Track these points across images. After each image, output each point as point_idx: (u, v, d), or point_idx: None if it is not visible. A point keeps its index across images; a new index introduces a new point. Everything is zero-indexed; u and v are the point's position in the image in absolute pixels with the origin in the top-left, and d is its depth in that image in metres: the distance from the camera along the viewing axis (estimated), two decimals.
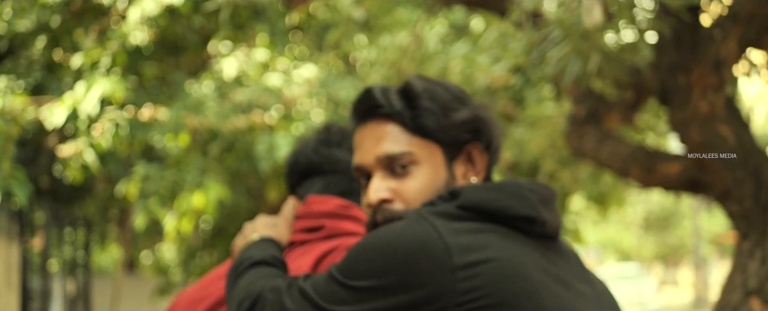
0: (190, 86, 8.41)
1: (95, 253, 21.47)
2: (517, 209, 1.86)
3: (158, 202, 7.90)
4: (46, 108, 8.15)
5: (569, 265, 1.94)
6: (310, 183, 2.51)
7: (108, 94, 7.77)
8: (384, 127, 2.02)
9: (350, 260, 1.86)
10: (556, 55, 3.61)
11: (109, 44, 8.38)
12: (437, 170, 1.99)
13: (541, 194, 1.93)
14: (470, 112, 2.02)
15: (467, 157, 2.04)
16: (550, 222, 1.92)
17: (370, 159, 2.03)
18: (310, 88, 7.99)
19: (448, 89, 2.05)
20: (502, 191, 1.88)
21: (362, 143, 2.06)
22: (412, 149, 1.99)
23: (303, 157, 2.55)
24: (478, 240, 1.80)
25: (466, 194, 1.87)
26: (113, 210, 15.65)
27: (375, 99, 2.05)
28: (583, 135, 4.70)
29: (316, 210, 2.40)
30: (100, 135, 7.91)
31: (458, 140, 2.01)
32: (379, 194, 2.00)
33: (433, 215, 1.84)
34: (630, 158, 4.43)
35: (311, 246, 2.34)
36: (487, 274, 1.76)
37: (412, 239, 1.79)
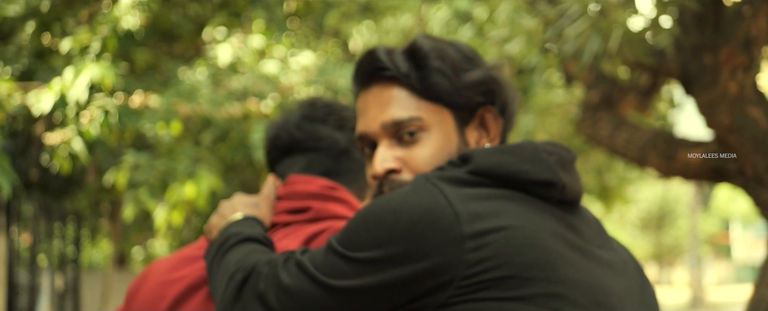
0: (183, 73, 8.17)
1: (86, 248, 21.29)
2: (533, 173, 1.73)
3: (148, 193, 7.66)
4: (33, 94, 7.92)
5: (591, 232, 1.80)
6: (291, 161, 2.36)
7: (97, 80, 7.57)
8: (389, 91, 1.89)
9: (351, 230, 1.73)
10: (573, 32, 3.35)
11: (99, 29, 8.17)
12: (448, 136, 1.87)
13: (560, 156, 1.80)
14: (483, 73, 1.89)
15: (480, 122, 1.92)
16: (570, 186, 1.78)
17: (375, 127, 1.89)
18: (308, 75, 7.77)
19: (458, 49, 1.92)
20: (518, 154, 1.75)
21: (366, 109, 1.92)
22: (421, 114, 1.86)
23: (285, 132, 2.38)
24: (489, 207, 1.67)
25: (478, 158, 1.73)
26: (105, 204, 15.45)
27: (379, 60, 1.90)
28: (597, 121, 4.45)
29: (300, 191, 2.26)
30: (89, 122, 7.68)
31: (470, 103, 1.88)
32: (386, 164, 1.87)
33: (441, 180, 1.70)
34: (648, 145, 4.18)
35: (297, 228, 2.20)
36: (498, 244, 1.63)
37: (417, 206, 1.66)
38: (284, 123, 2.40)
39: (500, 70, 1.93)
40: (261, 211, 2.22)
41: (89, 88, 7.66)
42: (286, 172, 2.35)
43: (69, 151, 7.93)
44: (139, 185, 7.79)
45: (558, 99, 7.38)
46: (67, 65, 8.36)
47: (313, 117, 2.37)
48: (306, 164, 2.33)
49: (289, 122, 2.38)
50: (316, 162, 2.32)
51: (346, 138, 2.33)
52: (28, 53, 9.72)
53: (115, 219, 15.37)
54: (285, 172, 2.35)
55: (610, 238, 1.86)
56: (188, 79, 7.99)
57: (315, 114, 2.38)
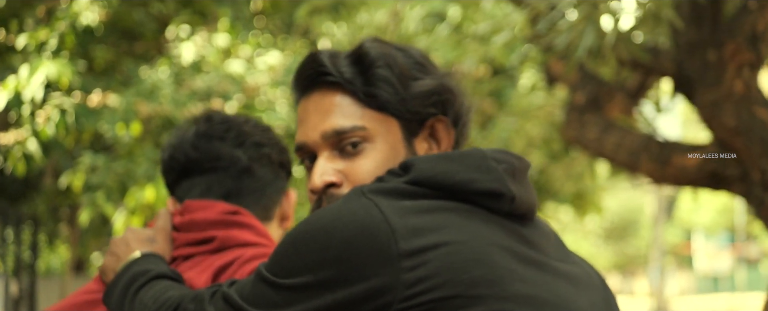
0: (145, 72, 7.87)
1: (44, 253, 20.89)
2: (480, 183, 1.61)
3: (106, 196, 7.34)
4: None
5: (548, 245, 1.68)
6: (190, 184, 2.22)
7: (54, 77, 7.31)
8: (332, 98, 1.77)
9: (280, 254, 1.61)
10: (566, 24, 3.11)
11: (57, 24, 7.85)
12: (395, 148, 1.76)
13: (511, 165, 1.67)
14: (434, 82, 1.77)
15: (430, 133, 1.81)
16: (521, 197, 1.65)
17: (314, 137, 1.77)
18: (275, 76, 7.51)
19: (409, 55, 1.80)
20: (464, 162, 1.63)
21: (306, 118, 1.80)
22: (365, 123, 1.75)
23: (180, 153, 2.23)
24: (430, 220, 1.55)
25: (420, 166, 1.62)
26: (63, 209, 15.10)
27: (321, 64, 1.78)
28: (584, 124, 4.21)
29: (199, 220, 2.11)
30: (45, 122, 7.38)
31: (420, 114, 1.77)
32: (325, 177, 1.75)
33: (376, 193, 1.58)
34: (640, 149, 3.93)
35: (201, 259, 2.06)
36: (439, 261, 1.51)
37: (350, 223, 1.54)
38: (179, 142, 2.24)
39: (453, 78, 1.82)
40: (159, 246, 2.08)
41: (45, 86, 7.39)
42: (185, 196, 2.20)
43: (24, 152, 7.63)
44: (96, 188, 7.48)
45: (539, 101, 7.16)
46: (23, 62, 8.03)
47: (210, 134, 2.21)
48: (205, 187, 2.19)
49: (184, 141, 2.23)
50: (216, 184, 2.18)
51: (247, 155, 2.18)
52: None
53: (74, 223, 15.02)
54: (184, 196, 2.21)
55: (570, 252, 1.76)
56: (149, 78, 7.71)
57: (212, 130, 2.21)
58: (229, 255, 2.03)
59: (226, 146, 2.20)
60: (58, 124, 7.38)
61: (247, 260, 1.98)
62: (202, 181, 2.19)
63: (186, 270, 2.03)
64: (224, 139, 2.21)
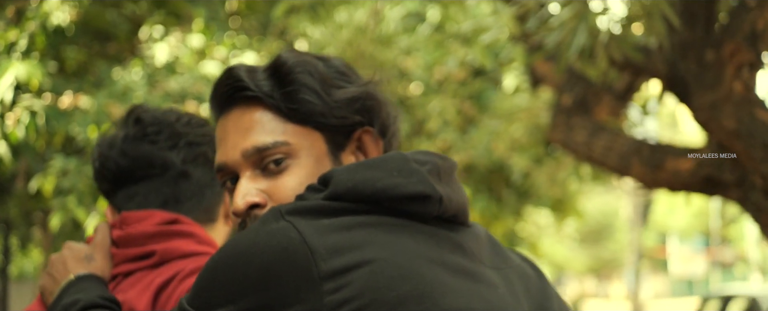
0: (117, 73, 7.69)
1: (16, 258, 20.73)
2: (404, 187, 1.53)
3: (77, 200, 7.15)
4: None
5: (481, 250, 1.62)
6: (126, 193, 2.12)
7: (24, 79, 7.14)
8: (251, 115, 1.68)
9: (200, 286, 1.53)
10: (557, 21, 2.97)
11: (26, 24, 7.65)
12: (320, 163, 1.68)
13: (435, 165, 1.60)
14: (358, 90, 1.71)
15: (358, 145, 1.74)
16: (450, 198, 1.58)
17: (235, 156, 1.68)
18: None
19: (329, 64, 1.73)
20: (384, 167, 1.55)
21: (225, 136, 1.71)
22: (288, 139, 1.67)
23: (110, 162, 2.09)
24: (351, 238, 1.48)
25: (339, 177, 1.54)
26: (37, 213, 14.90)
27: (238, 79, 1.69)
28: (572, 127, 4.07)
29: (136, 233, 2.01)
30: (14, 124, 7.18)
31: (345, 124, 1.70)
32: (248, 198, 1.66)
33: (294, 212, 1.51)
34: (630, 153, 3.80)
35: (142, 276, 1.97)
36: (362, 280, 1.44)
37: (268, 247, 1.47)
38: (108, 149, 2.10)
39: (378, 86, 1.75)
40: (97, 265, 1.99)
41: (15, 88, 7.20)
42: (122, 206, 2.11)
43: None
44: (67, 192, 7.30)
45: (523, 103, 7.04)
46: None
47: (141, 136, 2.08)
48: (142, 197, 2.09)
49: (113, 147, 2.09)
50: (152, 193, 2.08)
51: (180, 157, 2.08)
52: None
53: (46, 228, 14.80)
54: (122, 206, 2.11)
55: (507, 253, 1.69)
56: (122, 80, 7.53)
57: (142, 133, 2.08)
58: (169, 270, 1.93)
59: (158, 150, 2.09)
60: (29, 127, 7.20)
61: (187, 274, 1.89)
62: (137, 190, 2.09)
63: (127, 288, 1.93)
64: (155, 142, 2.09)
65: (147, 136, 2.10)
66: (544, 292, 1.69)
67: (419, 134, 7.95)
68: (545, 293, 1.69)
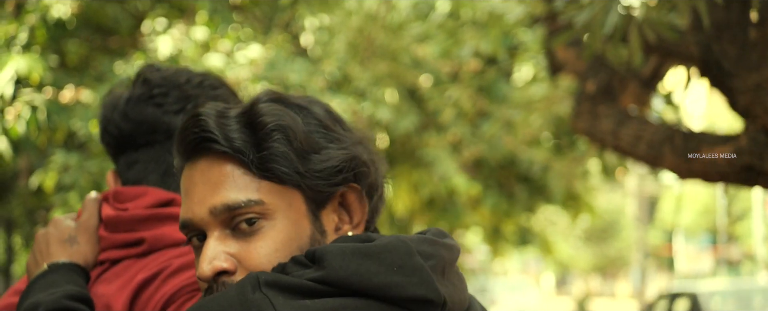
0: (120, 67, 7.53)
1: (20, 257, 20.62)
2: (403, 288, 1.36)
3: (78, 196, 6.99)
4: None
5: None
6: (127, 161, 1.95)
7: (24, 73, 7.03)
8: (221, 167, 1.49)
9: None
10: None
11: (27, 17, 7.48)
12: (298, 224, 1.48)
13: (440, 259, 1.43)
14: (342, 153, 1.51)
15: (341, 203, 1.55)
16: (452, 300, 1.42)
17: (202, 212, 1.48)
18: (256, 70, 7.15)
19: (311, 116, 1.53)
20: (384, 259, 1.37)
21: (191, 189, 1.51)
22: (262, 197, 1.47)
23: (112, 125, 1.95)
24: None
25: (331, 262, 1.36)
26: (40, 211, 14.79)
27: (206, 129, 1.49)
28: (598, 115, 3.86)
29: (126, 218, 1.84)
30: (15, 119, 7.02)
31: (328, 183, 1.51)
32: (216, 263, 1.45)
33: (273, 286, 1.34)
34: (662, 142, 3.59)
35: (128, 265, 1.80)
36: None
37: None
38: (110, 111, 1.95)
39: (366, 142, 1.57)
40: (79, 249, 1.82)
41: (15, 82, 7.07)
42: (124, 173, 1.94)
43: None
44: (68, 188, 7.13)
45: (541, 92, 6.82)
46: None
47: (146, 98, 1.90)
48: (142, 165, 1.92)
49: (116, 109, 1.94)
50: (153, 162, 1.92)
51: None
52: None
53: None
54: (123, 173, 1.94)
55: None
56: (124, 73, 7.37)
57: (148, 94, 1.90)
58: (155, 263, 1.76)
59: (163, 114, 1.90)
60: (29, 122, 7.09)
61: (172, 272, 1.72)
62: (138, 157, 1.92)
63: (113, 278, 1.77)
64: (161, 105, 1.91)
65: (153, 98, 1.92)
66: None
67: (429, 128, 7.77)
68: None
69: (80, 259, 1.80)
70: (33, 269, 1.81)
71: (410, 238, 1.43)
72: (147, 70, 1.96)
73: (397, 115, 6.86)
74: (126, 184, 1.94)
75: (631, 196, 40.63)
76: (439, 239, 1.47)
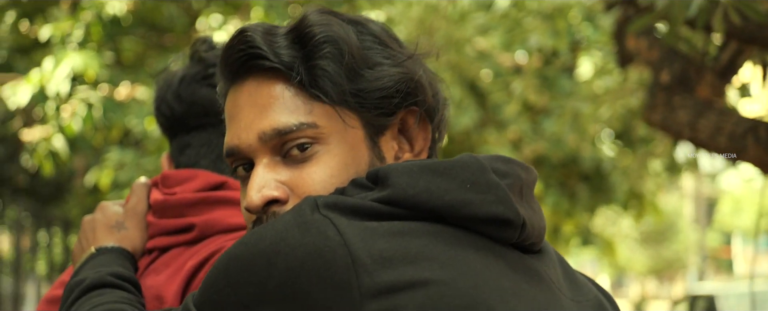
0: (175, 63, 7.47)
1: None
2: (478, 206, 1.23)
3: None
4: (9, 86, 7.27)
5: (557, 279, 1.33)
6: (179, 144, 1.84)
7: (80, 70, 7.01)
8: (270, 88, 1.36)
9: (209, 285, 1.25)
10: None
11: (82, 14, 7.47)
12: (355, 150, 1.36)
13: (517, 178, 1.31)
14: (399, 69, 1.38)
15: (400, 129, 1.42)
16: (531, 224, 1.30)
17: (249, 139, 1.36)
18: None
19: (364, 29, 1.40)
20: (455, 175, 1.25)
21: (237, 114, 1.38)
22: (315, 120, 1.35)
23: (164, 106, 1.84)
24: (405, 247, 1.18)
25: (397, 180, 1.24)
26: None
27: (253, 45, 1.36)
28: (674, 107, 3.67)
29: (174, 202, 1.72)
30: (71, 117, 7.00)
31: (385, 105, 1.37)
32: (266, 192, 1.34)
33: (334, 208, 1.21)
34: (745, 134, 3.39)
35: (178, 253, 1.69)
36: (415, 307, 1.14)
37: (297, 246, 1.18)
38: (164, 90, 1.84)
39: (425, 59, 1.44)
40: (127, 234, 1.71)
41: (71, 80, 7.06)
42: (177, 156, 1.84)
43: (49, 149, 7.24)
44: (124, 186, 7.09)
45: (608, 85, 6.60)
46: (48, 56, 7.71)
47: (200, 78, 1.77)
48: (194, 149, 1.81)
49: (169, 89, 1.83)
50: (205, 146, 1.81)
51: None
52: (8, 46, 9.08)
53: None
54: (176, 156, 1.84)
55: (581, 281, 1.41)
56: None
57: (203, 74, 1.77)
58: (207, 249, 1.64)
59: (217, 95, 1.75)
60: (85, 119, 7.06)
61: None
62: (190, 141, 1.81)
63: (161, 268, 1.68)
64: (215, 86, 1.74)
65: (207, 78, 1.79)
66: None
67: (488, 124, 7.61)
68: None
69: (128, 245, 1.70)
70: (79, 255, 1.70)
71: (482, 156, 1.30)
72: (202, 47, 1.84)
73: (457, 110, 6.71)
74: (178, 169, 1.83)
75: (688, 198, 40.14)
76: (510, 159, 1.34)
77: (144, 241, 1.73)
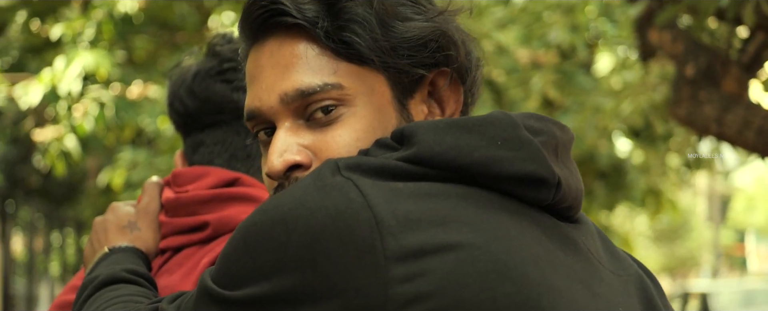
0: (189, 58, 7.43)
1: None
2: (509, 164, 1.16)
3: None
4: (20, 86, 7.22)
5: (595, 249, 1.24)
6: (193, 142, 1.77)
7: (91, 69, 6.96)
8: (293, 47, 1.28)
9: (228, 255, 1.17)
10: None
11: (93, 13, 7.43)
12: (382, 112, 1.28)
13: (553, 136, 1.22)
14: (430, 25, 1.28)
15: (430, 92, 1.33)
16: (567, 184, 1.21)
17: (271, 100, 1.29)
18: None
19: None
20: (484, 131, 1.17)
21: (258, 75, 1.31)
22: (340, 80, 1.27)
23: (177, 101, 1.77)
24: (433, 209, 1.11)
25: (423, 137, 1.16)
26: None
27: (275, 0, 1.27)
28: (700, 101, 3.58)
29: (186, 199, 1.66)
30: (83, 116, 6.95)
31: (415, 64, 1.29)
32: (288, 156, 1.26)
33: (356, 169, 1.14)
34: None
35: (193, 253, 1.65)
36: (443, 271, 1.07)
37: (317, 210, 1.10)
38: (177, 86, 1.77)
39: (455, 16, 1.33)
40: (140, 235, 1.65)
41: (83, 79, 7.01)
42: (189, 156, 1.78)
43: (61, 149, 7.20)
44: (137, 186, 7.04)
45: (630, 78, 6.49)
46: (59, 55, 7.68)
47: (214, 73, 1.71)
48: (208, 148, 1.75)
49: (182, 85, 1.76)
50: (220, 144, 1.75)
51: None
52: (19, 46, 9.07)
53: None
54: (189, 157, 1.79)
55: (622, 256, 1.31)
56: None
57: (217, 69, 1.71)
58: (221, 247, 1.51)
59: (232, 91, 1.71)
60: (97, 118, 7.01)
61: None
62: (203, 139, 1.74)
63: (174, 268, 1.62)
64: (231, 82, 1.72)
65: (222, 74, 1.72)
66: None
67: None
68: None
69: (141, 245, 1.64)
70: (90, 257, 1.64)
71: (514, 113, 1.22)
72: (218, 41, 1.78)
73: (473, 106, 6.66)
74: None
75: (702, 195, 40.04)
76: (544, 117, 1.25)
77: (157, 241, 1.67)
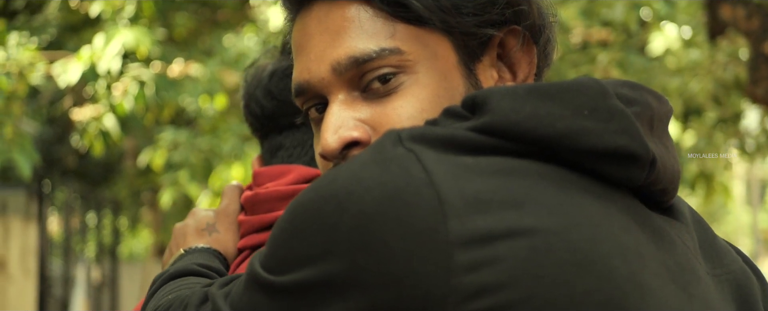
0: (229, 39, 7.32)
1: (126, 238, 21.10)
2: (597, 137, 0.99)
3: (189, 175, 6.79)
4: (59, 64, 7.11)
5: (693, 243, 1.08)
6: (271, 145, 1.68)
7: (131, 47, 6.80)
8: (344, 10, 1.14)
9: (276, 238, 1.02)
10: None
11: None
12: (447, 78, 1.13)
13: (648, 107, 1.06)
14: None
15: (499, 53, 1.18)
16: (663, 163, 1.04)
17: (322, 71, 1.15)
18: None
19: None
20: (568, 99, 1.00)
21: (306, 43, 1.17)
22: (399, 45, 1.12)
23: (254, 103, 1.68)
24: (506, 188, 0.95)
25: (498, 104, 1.00)
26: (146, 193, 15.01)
27: None
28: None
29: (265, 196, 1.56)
30: (122, 95, 6.84)
31: (482, 23, 1.14)
32: (343, 133, 1.12)
33: (421, 140, 0.98)
34: None
35: None
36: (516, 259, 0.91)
37: (374, 187, 0.95)
38: (253, 87, 1.68)
39: None
40: (219, 237, 1.55)
41: (122, 57, 6.89)
42: (267, 162, 1.70)
43: (100, 129, 7.10)
44: (178, 167, 6.94)
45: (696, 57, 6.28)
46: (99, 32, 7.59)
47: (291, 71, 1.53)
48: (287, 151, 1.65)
49: (259, 85, 1.67)
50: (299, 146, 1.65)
51: None
52: (58, 23, 8.99)
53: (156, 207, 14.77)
54: (267, 161, 1.70)
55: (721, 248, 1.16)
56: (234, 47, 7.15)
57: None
58: None
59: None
60: (137, 97, 6.89)
61: None
62: (282, 142, 1.65)
63: None
64: None
65: None
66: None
67: None
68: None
69: (219, 247, 1.55)
70: (168, 261, 1.56)
71: (604, 80, 1.05)
72: None
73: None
74: None
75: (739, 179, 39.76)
76: (639, 86, 1.09)
77: (236, 243, 1.57)
